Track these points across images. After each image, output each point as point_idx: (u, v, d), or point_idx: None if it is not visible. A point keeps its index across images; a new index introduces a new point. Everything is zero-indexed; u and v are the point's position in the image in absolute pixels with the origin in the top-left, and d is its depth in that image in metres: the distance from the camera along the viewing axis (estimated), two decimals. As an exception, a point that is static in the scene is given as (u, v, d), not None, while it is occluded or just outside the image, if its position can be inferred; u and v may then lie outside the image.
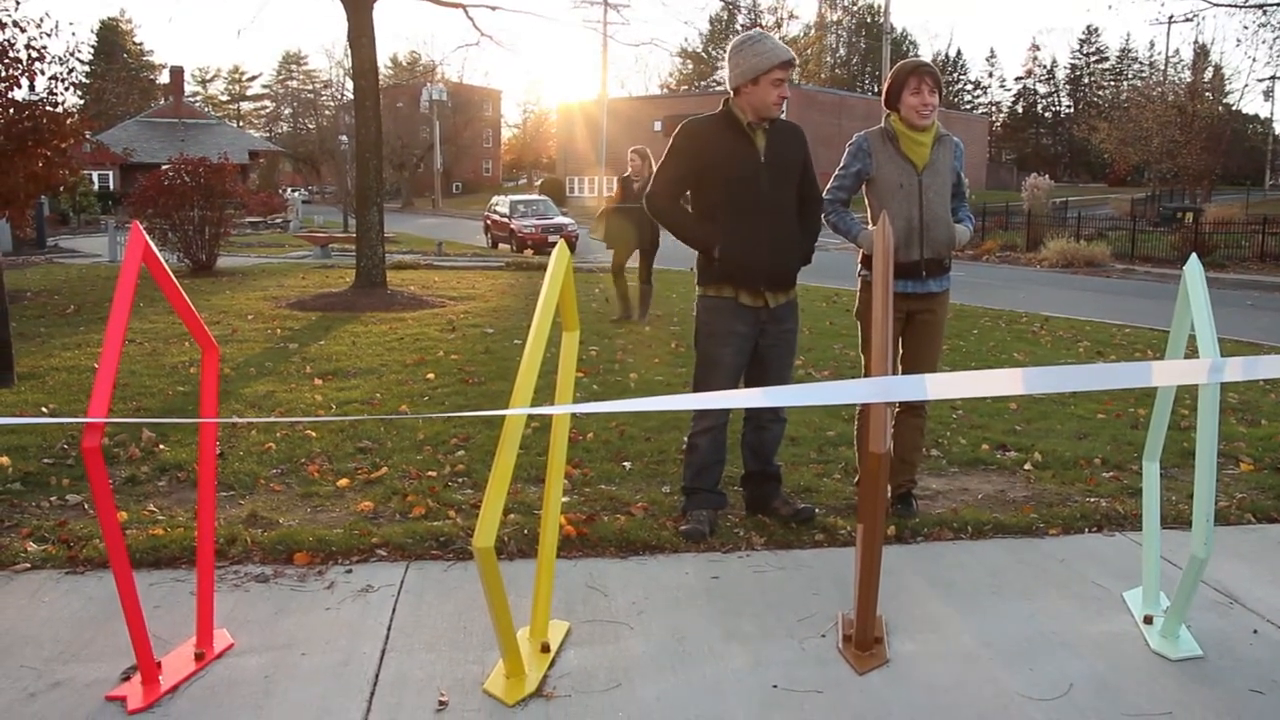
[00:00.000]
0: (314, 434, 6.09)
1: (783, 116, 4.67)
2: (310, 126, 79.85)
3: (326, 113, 73.84)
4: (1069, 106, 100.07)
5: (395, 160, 68.56)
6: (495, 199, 36.38)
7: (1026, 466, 5.80)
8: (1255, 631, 3.72)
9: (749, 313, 4.55)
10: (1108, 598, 3.99)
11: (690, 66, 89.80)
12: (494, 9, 19.35)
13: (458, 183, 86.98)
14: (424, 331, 10.87)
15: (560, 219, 32.55)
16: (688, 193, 4.66)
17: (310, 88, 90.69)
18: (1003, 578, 4.18)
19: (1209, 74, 51.33)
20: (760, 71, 4.42)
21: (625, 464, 5.63)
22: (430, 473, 5.38)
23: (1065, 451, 6.08)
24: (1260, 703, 3.19)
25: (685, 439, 4.84)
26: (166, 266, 3.10)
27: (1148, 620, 3.72)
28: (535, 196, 39.92)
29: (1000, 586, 4.08)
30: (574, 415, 5.83)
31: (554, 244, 3.75)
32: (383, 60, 78.11)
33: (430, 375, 8.19)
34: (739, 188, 4.47)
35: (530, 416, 5.04)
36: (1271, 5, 23.97)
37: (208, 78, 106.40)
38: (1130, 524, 4.82)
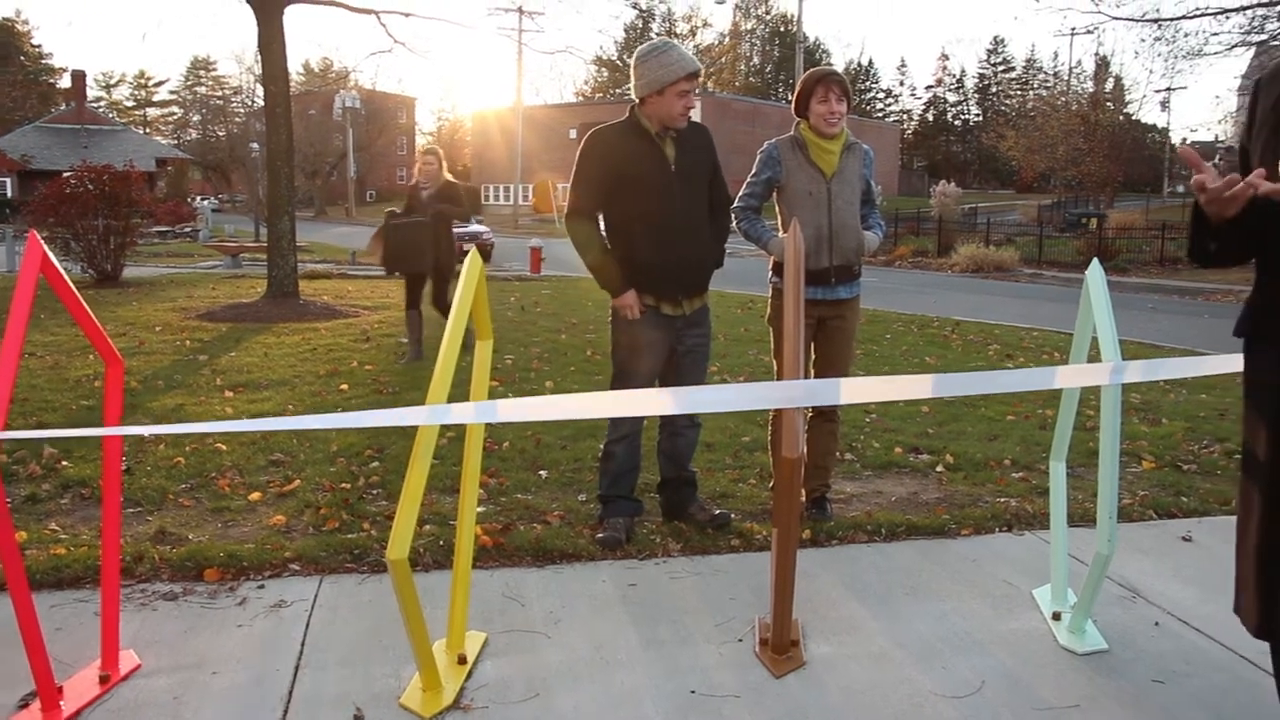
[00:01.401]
0: (224, 447, 5.98)
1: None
2: (220, 134, 78.55)
3: (237, 120, 72.76)
4: (978, 115, 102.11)
5: (308, 168, 67.64)
6: (410, 207, 36.02)
7: (939, 469, 5.90)
8: (1157, 624, 3.83)
9: (665, 321, 4.56)
10: (1017, 596, 4.07)
11: (605, 74, 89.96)
12: (407, 15, 19.30)
13: (372, 190, 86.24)
14: (338, 342, 10.74)
15: (475, 227, 32.34)
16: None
17: (220, 94, 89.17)
18: (916, 579, 4.24)
19: (1110, 84, 52.74)
20: (666, 83, 4.39)
21: (541, 473, 5.61)
22: (344, 485, 5.31)
23: (976, 453, 6.19)
24: (1161, 692, 3.29)
25: (601, 447, 4.84)
26: (67, 277, 3.02)
27: (1056, 616, 3.80)
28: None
29: (914, 587, 4.14)
30: (489, 425, 5.80)
31: (469, 253, 3.72)
32: (294, 66, 77.21)
33: (344, 386, 8.09)
34: (651, 199, 4.44)
35: (445, 426, 5.00)
36: (1165, 20, 24.74)
37: (112, 82, 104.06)
38: (1039, 523, 4.92)
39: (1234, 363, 2.94)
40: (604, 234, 4.60)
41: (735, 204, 4.80)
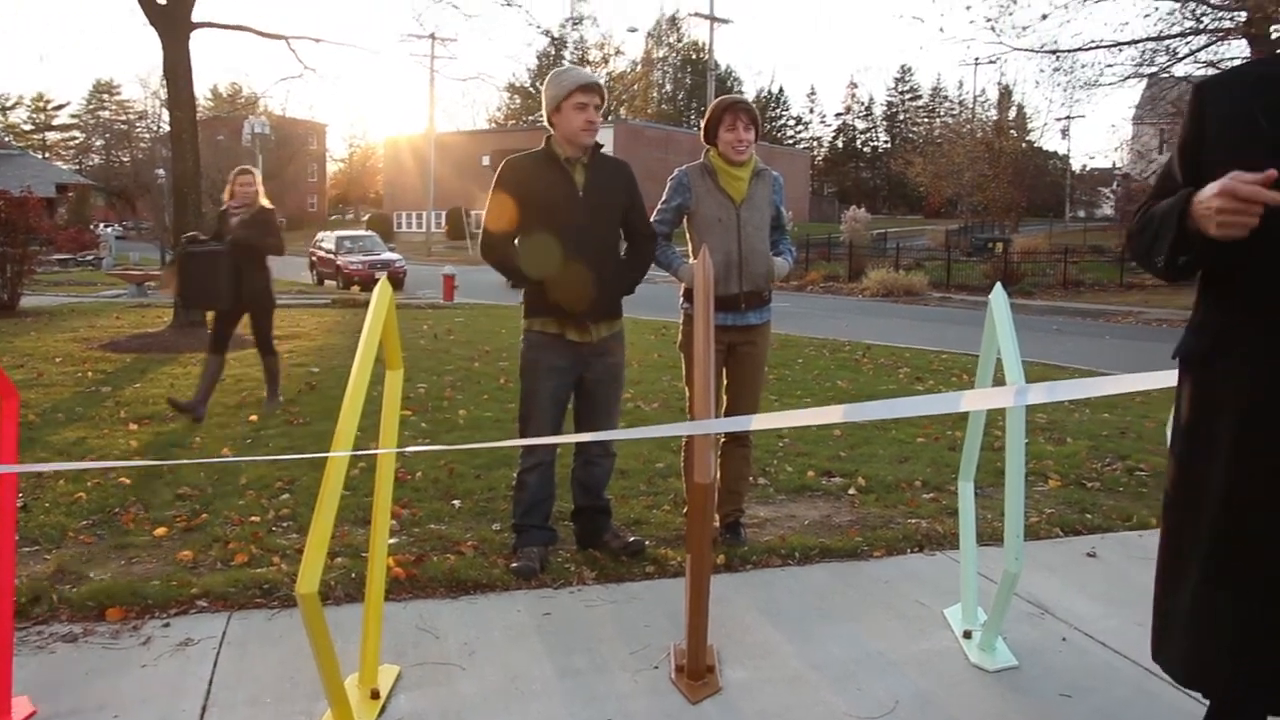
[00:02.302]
0: (128, 481, 5.83)
1: (605, 149, 4.71)
2: (124, 159, 76.75)
3: (142, 145, 71.15)
4: (886, 142, 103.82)
5: (216, 195, 66.18)
6: (321, 235, 35.79)
7: (851, 491, 5.96)
8: (1064, 639, 3.92)
9: (573, 347, 4.57)
10: (929, 615, 4.13)
11: (518, 101, 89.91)
12: (318, 41, 19.20)
13: (282, 218, 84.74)
14: (247, 372, 10.53)
15: (388, 255, 32.15)
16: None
17: (124, 118, 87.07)
18: (830, 601, 4.28)
19: (1013, 113, 54.06)
20: (561, 98, 4.48)
21: (455, 502, 5.56)
22: (254, 518, 5.21)
23: (887, 475, 6.27)
24: (1069, 706, 3.36)
25: (514, 476, 4.81)
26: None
27: (967, 635, 3.87)
28: (362, 232, 39.40)
29: (828, 610, 4.18)
30: (401, 454, 5.75)
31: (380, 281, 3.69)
32: (202, 91, 75.98)
33: (253, 417, 7.94)
34: (557, 222, 4.48)
35: (357, 457, 4.94)
36: (1063, 52, 25.60)
37: (8, 105, 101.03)
38: (949, 543, 5.00)
39: (1132, 382, 3.02)
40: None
41: None
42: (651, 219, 4.83)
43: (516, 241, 4.62)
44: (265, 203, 8.16)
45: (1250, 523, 2.21)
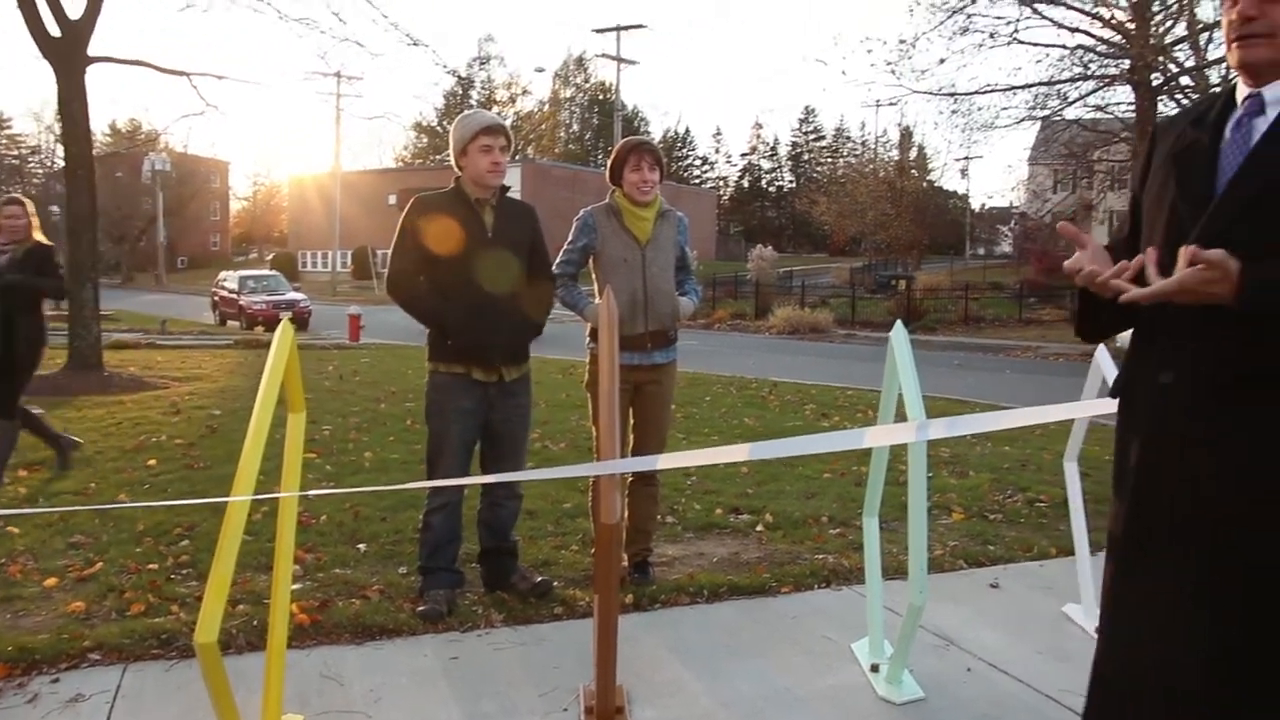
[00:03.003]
0: (16, 530, 5.63)
1: (511, 191, 4.74)
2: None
3: (35, 181, 69.40)
4: (791, 181, 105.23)
5: (114, 233, 65.08)
6: (223, 274, 35.28)
7: (759, 528, 6.00)
8: (969, 670, 3.99)
9: (479, 388, 4.55)
10: (837, 650, 4.17)
11: (426, 140, 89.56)
12: (220, 78, 18.92)
13: (183, 257, 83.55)
14: (145, 415, 10.29)
15: (292, 295, 31.75)
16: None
17: (15, 153, 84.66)
18: (739, 638, 4.29)
19: (914, 153, 55.47)
20: (467, 140, 4.51)
21: (360, 546, 5.47)
22: (151, 565, 5.06)
23: (795, 511, 6.33)
24: (973, 742, 3.41)
25: (421, 518, 4.76)
26: None
27: (874, 669, 3.90)
28: (266, 272, 38.91)
29: (737, 647, 4.19)
30: (305, 498, 5.65)
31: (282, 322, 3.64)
32: (99, 126, 74.38)
33: (152, 461, 7.74)
34: (466, 263, 4.48)
35: (260, 502, 4.84)
36: (961, 95, 26.44)
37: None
38: (856, 577, 5.04)
39: (1030, 416, 3.11)
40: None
41: (553, 270, 4.85)
42: (558, 259, 4.86)
43: (423, 280, 4.60)
44: (40, 238, 6.98)
45: (1131, 566, 2.25)
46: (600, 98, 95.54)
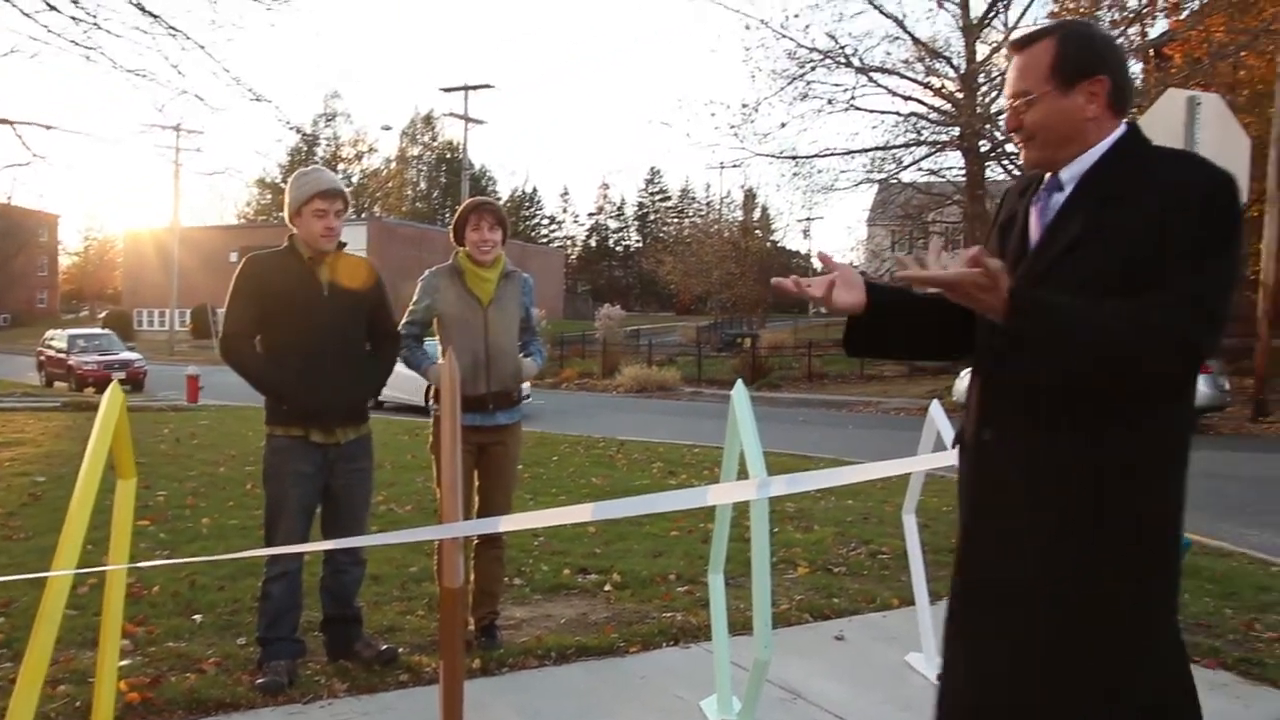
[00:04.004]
0: None
1: (357, 249, 4.68)
2: None
3: None
4: (638, 240, 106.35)
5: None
6: (51, 333, 33.75)
7: (606, 588, 6.00)
8: (814, 725, 4.04)
9: (318, 451, 4.45)
10: (686, 708, 4.18)
11: (269, 196, 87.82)
12: (49, 128, 17.97)
13: (7, 315, 79.81)
14: (-39, 483, 9.74)
15: (126, 354, 30.60)
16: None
17: None
18: (588, 700, 4.27)
19: (758, 214, 56.80)
20: (301, 203, 4.44)
21: (196, 617, 5.26)
22: (-38, 646, 4.78)
23: (642, 570, 6.34)
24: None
25: (260, 586, 4.61)
26: None
27: (722, 726, 3.93)
28: (98, 330, 37.50)
29: (586, 709, 4.17)
30: (136, 569, 5.41)
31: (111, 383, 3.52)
32: (-86, 181, 70.67)
33: (-33, 532, 7.32)
34: (301, 322, 4.40)
35: (87, 574, 4.62)
36: (801, 158, 27.40)
37: None
38: (704, 634, 5.06)
39: (869, 471, 3.20)
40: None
41: (399, 330, 4.81)
42: (403, 320, 4.82)
43: (258, 342, 4.50)
44: None
45: (953, 614, 2.38)
46: (448, 156, 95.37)
